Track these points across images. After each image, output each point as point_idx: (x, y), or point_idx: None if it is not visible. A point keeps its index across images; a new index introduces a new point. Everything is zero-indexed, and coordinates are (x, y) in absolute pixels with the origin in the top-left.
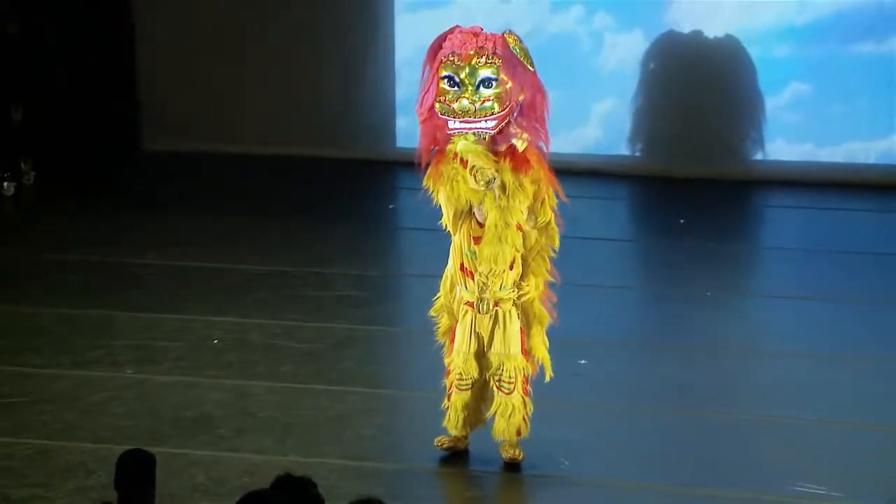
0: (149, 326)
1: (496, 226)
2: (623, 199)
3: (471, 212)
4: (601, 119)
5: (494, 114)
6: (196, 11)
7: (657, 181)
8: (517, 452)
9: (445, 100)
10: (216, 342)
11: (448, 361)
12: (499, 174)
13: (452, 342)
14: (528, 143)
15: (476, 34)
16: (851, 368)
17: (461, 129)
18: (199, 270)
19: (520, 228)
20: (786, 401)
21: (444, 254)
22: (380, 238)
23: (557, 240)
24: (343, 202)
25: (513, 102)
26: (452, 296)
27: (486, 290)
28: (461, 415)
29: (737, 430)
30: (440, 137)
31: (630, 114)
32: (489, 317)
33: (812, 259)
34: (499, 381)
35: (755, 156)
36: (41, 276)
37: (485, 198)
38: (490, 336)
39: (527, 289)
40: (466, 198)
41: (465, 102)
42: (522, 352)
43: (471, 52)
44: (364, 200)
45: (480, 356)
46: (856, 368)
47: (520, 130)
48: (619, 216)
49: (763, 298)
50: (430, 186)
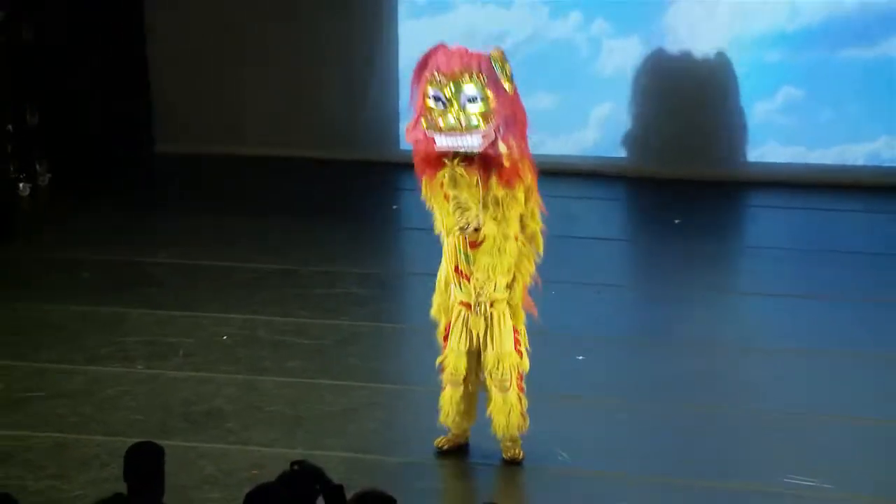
0: (160, 323)
1: (494, 238)
2: (620, 200)
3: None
4: (599, 122)
5: (480, 130)
6: (206, 16)
7: (653, 182)
8: (518, 451)
9: (431, 117)
10: (225, 338)
11: (441, 359)
12: (477, 217)
13: (446, 340)
14: (517, 155)
15: (461, 52)
16: (841, 364)
17: (448, 146)
18: (210, 269)
19: (516, 238)
20: (778, 396)
21: None
22: (383, 238)
23: (542, 246)
24: (347, 203)
25: (498, 119)
26: (447, 294)
27: (483, 294)
28: (456, 409)
29: (730, 424)
30: (429, 153)
31: (627, 117)
32: (483, 317)
33: (803, 258)
34: (499, 380)
35: (748, 158)
36: (56, 275)
37: (481, 213)
38: (485, 335)
39: (514, 291)
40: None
41: (451, 119)
42: (515, 349)
43: (455, 70)
44: (368, 201)
45: (473, 354)
46: (845, 364)
47: (506, 144)
48: (616, 216)
49: (756, 296)
50: (427, 199)
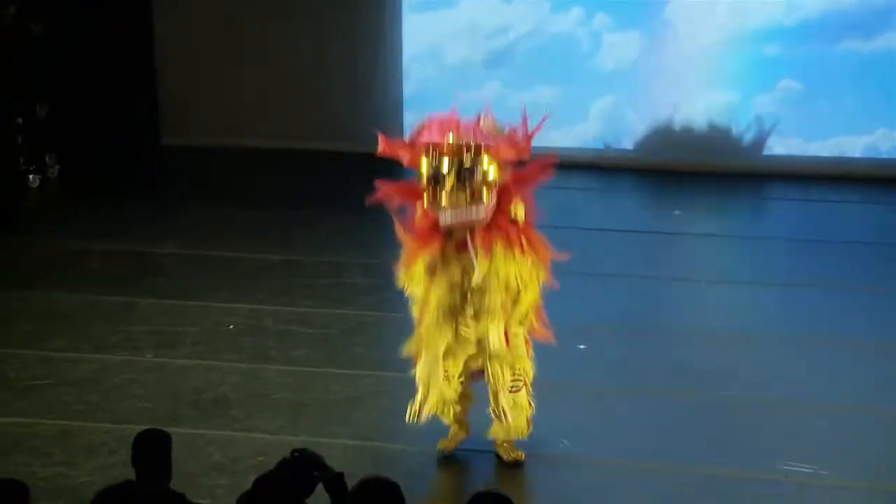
0: (168, 313)
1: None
2: (620, 192)
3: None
4: (600, 115)
5: (483, 202)
6: (212, 10)
7: (653, 174)
8: (519, 454)
9: (432, 194)
10: (232, 328)
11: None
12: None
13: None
14: (524, 212)
15: (453, 124)
16: (838, 353)
17: (453, 222)
18: (216, 259)
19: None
20: (776, 384)
21: None
22: (387, 228)
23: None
24: (352, 194)
25: (499, 186)
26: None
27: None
28: (449, 408)
29: (729, 412)
30: (430, 230)
31: (627, 110)
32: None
33: (801, 248)
34: (512, 382)
35: (747, 151)
36: (64, 265)
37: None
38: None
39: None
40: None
41: (453, 195)
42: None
43: (451, 143)
44: (372, 192)
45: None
46: (842, 353)
47: (514, 199)
48: (616, 207)
49: (755, 286)
50: (405, 285)
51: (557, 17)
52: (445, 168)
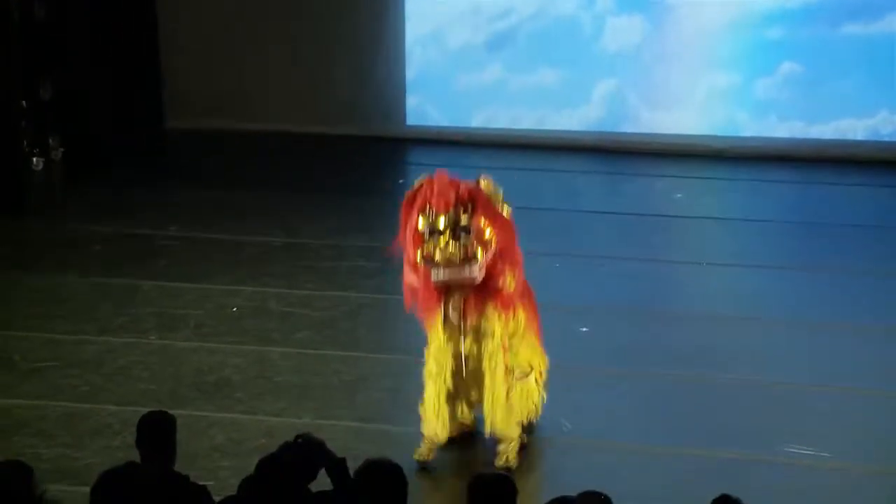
0: (171, 295)
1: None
2: (622, 174)
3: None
4: (603, 98)
5: (478, 260)
6: None
7: (654, 157)
8: (511, 458)
9: (427, 250)
10: (235, 310)
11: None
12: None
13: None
14: (513, 283)
15: (452, 182)
16: (840, 336)
17: (446, 279)
18: (220, 242)
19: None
20: (778, 367)
21: None
22: (390, 211)
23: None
24: (355, 178)
25: (494, 247)
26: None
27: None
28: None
29: (731, 395)
30: (425, 285)
31: (629, 93)
32: None
33: (803, 231)
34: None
35: (747, 133)
36: (68, 248)
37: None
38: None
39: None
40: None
41: (447, 251)
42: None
43: (449, 201)
44: (375, 176)
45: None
46: (844, 336)
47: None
48: (618, 190)
49: (756, 269)
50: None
51: (560, 0)
52: (441, 225)
